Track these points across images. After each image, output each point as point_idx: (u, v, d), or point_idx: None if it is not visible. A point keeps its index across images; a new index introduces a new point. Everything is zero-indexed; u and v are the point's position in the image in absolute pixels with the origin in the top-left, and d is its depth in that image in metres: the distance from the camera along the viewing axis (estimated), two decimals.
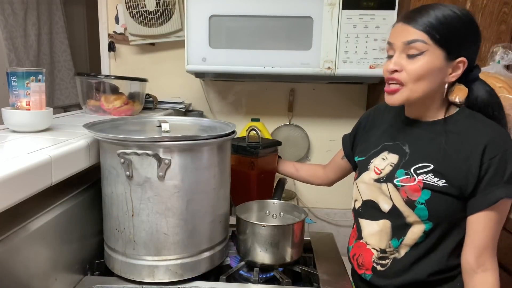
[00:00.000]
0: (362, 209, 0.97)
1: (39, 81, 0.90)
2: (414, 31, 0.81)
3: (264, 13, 1.42)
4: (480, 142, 0.81)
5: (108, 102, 1.31)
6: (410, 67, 0.82)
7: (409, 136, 0.92)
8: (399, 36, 0.84)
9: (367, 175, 0.96)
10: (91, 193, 0.93)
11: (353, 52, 1.43)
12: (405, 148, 0.91)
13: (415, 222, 0.87)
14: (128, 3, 1.71)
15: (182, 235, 0.86)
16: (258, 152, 1.21)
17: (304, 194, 1.92)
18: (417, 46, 0.81)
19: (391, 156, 0.93)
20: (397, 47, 0.85)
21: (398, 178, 0.89)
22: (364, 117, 1.09)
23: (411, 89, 0.84)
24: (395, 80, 0.85)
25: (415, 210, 0.85)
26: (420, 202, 0.85)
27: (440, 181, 0.84)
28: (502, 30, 1.43)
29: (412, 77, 0.83)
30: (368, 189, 0.95)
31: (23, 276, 0.69)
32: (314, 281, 0.94)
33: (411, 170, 0.88)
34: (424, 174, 0.86)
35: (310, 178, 1.27)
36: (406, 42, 0.82)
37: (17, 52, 2.34)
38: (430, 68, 0.82)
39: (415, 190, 0.86)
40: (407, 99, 0.86)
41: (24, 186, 0.63)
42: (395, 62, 0.84)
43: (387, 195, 0.90)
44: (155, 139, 0.80)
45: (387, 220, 0.91)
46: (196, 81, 1.83)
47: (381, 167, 0.93)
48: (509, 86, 1.21)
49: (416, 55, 0.82)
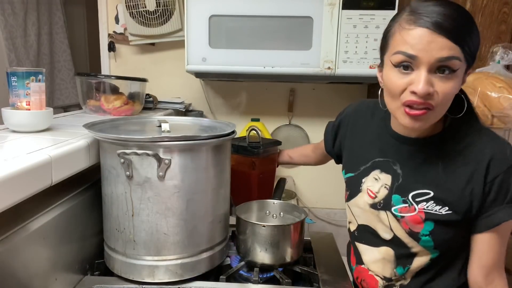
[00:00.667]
0: (358, 234, 0.92)
1: (39, 81, 0.90)
2: (450, 44, 0.65)
3: (264, 13, 1.42)
4: (482, 159, 0.74)
5: (108, 102, 1.31)
6: (443, 88, 0.67)
7: (399, 154, 0.83)
8: (429, 49, 0.66)
9: (360, 199, 0.88)
10: (91, 193, 0.93)
11: (353, 52, 1.43)
12: (396, 168, 0.83)
13: (421, 252, 0.81)
14: (128, 3, 1.71)
15: (182, 235, 0.86)
16: (259, 152, 1.22)
17: (304, 194, 1.92)
18: (453, 64, 0.66)
19: (383, 177, 0.84)
20: (424, 63, 0.67)
21: (395, 206, 0.81)
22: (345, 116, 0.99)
23: (439, 112, 0.71)
24: (427, 105, 0.69)
25: (419, 242, 0.79)
26: (425, 234, 0.78)
27: (443, 209, 0.76)
28: (502, 30, 1.43)
29: (443, 101, 0.69)
30: (364, 214, 0.88)
31: (23, 276, 0.69)
32: (314, 281, 0.94)
33: (409, 198, 0.79)
34: (424, 202, 0.77)
35: (304, 162, 1.32)
36: (440, 59, 0.66)
37: (17, 52, 2.34)
38: (458, 87, 0.70)
39: (417, 222, 0.78)
40: (431, 123, 0.74)
41: (24, 186, 0.63)
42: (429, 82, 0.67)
43: (387, 225, 0.83)
44: (155, 139, 0.80)
45: (390, 248, 0.84)
46: (196, 81, 1.83)
47: (375, 189, 0.85)
48: (509, 86, 1.21)
49: (449, 73, 0.67)
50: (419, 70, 0.68)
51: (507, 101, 1.19)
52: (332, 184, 1.87)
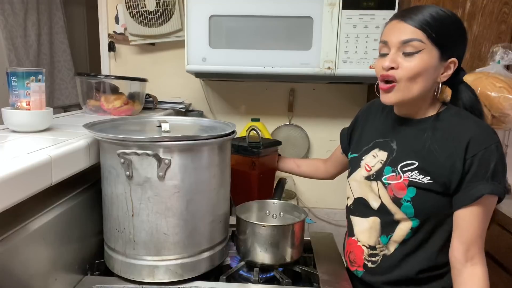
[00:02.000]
0: (353, 207, 0.99)
1: (39, 81, 0.90)
2: (411, 29, 0.81)
3: (264, 13, 1.42)
4: (463, 138, 0.82)
5: (108, 102, 1.31)
6: (407, 64, 0.82)
7: (397, 134, 0.93)
8: (395, 34, 0.83)
9: (358, 173, 0.97)
10: (91, 193, 0.93)
11: (353, 52, 1.43)
12: (393, 145, 0.92)
13: (402, 219, 0.88)
14: (128, 3, 1.71)
15: (182, 235, 0.86)
16: (259, 152, 1.22)
17: (304, 194, 1.92)
18: (414, 44, 0.81)
19: (381, 153, 0.94)
20: (392, 45, 0.84)
21: (385, 175, 0.90)
22: (361, 112, 1.09)
23: (406, 87, 0.84)
24: (390, 77, 0.84)
25: (401, 207, 0.87)
26: (406, 200, 0.86)
27: (425, 178, 0.84)
28: (502, 30, 1.43)
29: (407, 75, 0.82)
30: (359, 187, 0.96)
31: (23, 276, 0.69)
32: (314, 281, 0.94)
33: (397, 168, 0.89)
34: (409, 171, 0.87)
35: (312, 173, 1.29)
36: (403, 40, 0.82)
37: (17, 52, 2.34)
38: (425, 66, 0.82)
39: (400, 188, 0.87)
40: (401, 98, 0.85)
41: (24, 186, 0.63)
42: (392, 59, 0.83)
43: (376, 193, 0.91)
44: (155, 139, 0.80)
45: (376, 217, 0.92)
46: (196, 81, 1.83)
47: (372, 164, 0.94)
48: (509, 86, 1.21)
49: (412, 53, 0.81)
50: (390, 51, 0.84)
51: (507, 101, 1.19)
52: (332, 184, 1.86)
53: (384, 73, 0.85)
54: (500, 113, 1.21)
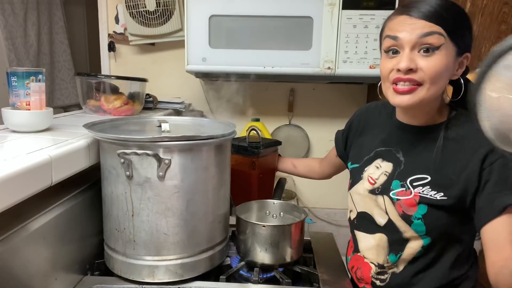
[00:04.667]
0: (357, 221, 0.94)
1: (39, 81, 0.90)
2: (429, 24, 0.72)
3: (264, 13, 1.42)
4: (479, 147, 0.75)
5: (108, 102, 1.31)
6: (428, 64, 0.73)
7: (403, 143, 0.86)
8: (409, 29, 0.74)
9: (361, 186, 0.91)
10: (91, 193, 0.93)
11: (353, 52, 1.43)
12: (399, 156, 0.86)
13: (413, 238, 0.82)
14: (128, 3, 1.71)
15: (182, 235, 0.86)
16: (259, 152, 1.22)
17: (304, 194, 1.92)
18: (433, 40, 0.72)
19: (385, 165, 0.88)
20: (406, 42, 0.74)
21: (394, 190, 0.83)
22: (356, 116, 1.03)
23: (428, 89, 0.75)
24: (411, 81, 0.75)
25: (411, 225, 0.81)
26: (417, 217, 0.80)
27: (438, 194, 0.78)
28: (502, 30, 1.43)
29: (429, 76, 0.73)
30: (363, 200, 0.90)
31: (23, 276, 0.69)
32: (314, 281, 0.94)
33: (407, 182, 0.82)
34: (420, 186, 0.80)
35: (308, 173, 1.28)
36: (421, 34, 0.73)
37: (17, 52, 2.34)
38: (447, 64, 0.74)
39: (411, 205, 0.80)
40: (421, 101, 0.76)
41: (24, 186, 0.63)
42: (410, 58, 0.74)
43: (383, 208, 0.85)
44: (155, 139, 0.80)
45: (383, 234, 0.87)
46: (196, 81, 1.83)
47: (375, 176, 0.88)
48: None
49: (433, 49, 0.73)
50: (403, 50, 0.76)
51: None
52: (332, 184, 1.86)
53: (401, 76, 0.75)
54: None
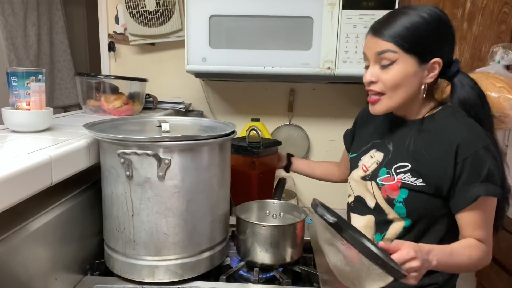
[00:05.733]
0: (353, 204, 1.00)
1: (39, 81, 0.90)
2: (382, 42, 0.84)
3: (264, 13, 1.42)
4: (453, 142, 0.83)
5: (108, 102, 1.31)
6: (385, 77, 0.85)
7: (394, 135, 0.95)
8: (370, 47, 0.87)
9: (356, 172, 0.99)
10: (91, 193, 0.93)
11: (353, 52, 1.43)
12: (389, 146, 0.94)
13: (395, 219, 0.90)
14: (128, 3, 1.71)
15: (182, 235, 0.86)
16: (259, 152, 1.21)
17: (304, 194, 1.92)
18: (388, 56, 0.83)
19: (378, 154, 0.96)
20: (370, 58, 0.87)
21: (380, 176, 0.92)
22: (360, 113, 1.12)
23: (390, 98, 0.87)
24: (373, 91, 0.88)
25: (394, 208, 0.89)
26: (398, 201, 0.88)
27: (417, 181, 0.86)
28: (502, 30, 1.43)
29: (388, 87, 0.85)
30: (357, 186, 0.98)
31: (23, 276, 0.69)
32: (314, 281, 0.94)
33: (392, 170, 0.90)
34: (402, 173, 0.88)
35: (327, 176, 1.31)
36: (376, 53, 0.85)
37: (17, 52, 2.34)
38: (404, 75, 0.84)
39: (393, 189, 0.89)
40: (387, 108, 0.88)
41: (24, 186, 0.63)
42: (371, 73, 0.87)
43: (371, 192, 0.93)
44: (155, 139, 0.80)
45: (372, 215, 0.94)
46: (196, 81, 1.83)
47: (368, 164, 0.96)
48: (509, 86, 1.21)
49: (388, 65, 0.84)
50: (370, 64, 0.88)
51: (507, 101, 1.19)
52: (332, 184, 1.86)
53: (368, 87, 0.89)
54: (500, 113, 1.20)
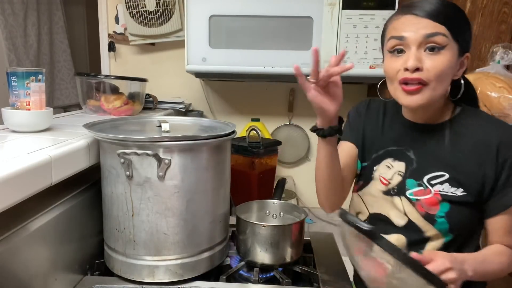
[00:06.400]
0: (369, 222, 0.89)
1: (39, 81, 0.90)
2: (433, 24, 0.74)
3: (264, 13, 1.42)
4: (492, 142, 0.77)
5: (108, 102, 1.31)
6: (433, 63, 0.74)
7: (413, 141, 0.86)
8: (416, 29, 0.75)
9: (373, 187, 0.88)
10: (91, 193, 0.93)
11: (353, 52, 1.43)
12: (410, 154, 0.85)
13: (434, 236, 0.81)
14: (128, 3, 1.71)
15: (182, 235, 0.86)
16: (259, 152, 1.22)
17: (304, 194, 1.92)
18: (438, 40, 0.73)
19: (397, 164, 0.86)
20: (412, 41, 0.75)
21: (410, 190, 0.82)
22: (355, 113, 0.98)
23: (433, 89, 0.76)
24: (417, 80, 0.75)
25: (435, 224, 0.80)
26: (440, 216, 0.79)
27: (458, 190, 0.78)
28: (502, 30, 1.43)
29: (435, 75, 0.74)
30: (376, 202, 0.87)
31: (23, 276, 0.69)
32: (314, 281, 0.94)
33: (424, 181, 0.81)
34: (439, 184, 0.79)
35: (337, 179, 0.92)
36: (425, 35, 0.74)
37: (17, 52, 2.34)
38: (450, 64, 0.75)
39: (433, 204, 0.79)
40: (429, 100, 0.77)
41: (24, 186, 0.63)
42: (417, 57, 0.74)
43: (401, 209, 0.83)
44: (155, 139, 0.80)
45: (402, 235, 0.84)
46: (196, 81, 1.83)
47: (388, 176, 0.86)
48: (509, 86, 1.21)
49: (438, 49, 0.74)
50: (409, 49, 0.76)
51: (507, 101, 1.19)
52: None
53: (408, 76, 0.76)
54: (500, 113, 1.21)
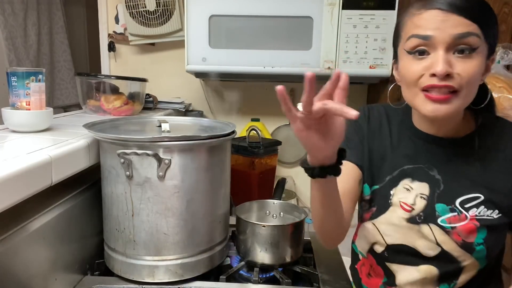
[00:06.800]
0: (389, 253, 0.78)
1: (39, 81, 0.90)
2: (466, 21, 0.62)
3: (264, 13, 1.42)
4: None
5: (108, 102, 1.31)
6: (465, 68, 0.63)
7: (435, 158, 0.74)
8: (444, 27, 0.62)
9: (393, 214, 0.76)
10: (91, 193, 0.93)
11: (353, 52, 1.43)
12: (434, 174, 0.73)
13: (471, 265, 0.72)
14: (128, 3, 1.71)
15: (182, 235, 0.86)
16: (259, 152, 1.22)
17: (304, 194, 1.92)
18: (470, 41, 0.62)
19: (417, 186, 0.74)
20: (440, 42, 0.63)
21: (442, 217, 0.71)
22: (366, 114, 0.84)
23: (464, 97, 0.65)
24: (447, 87, 0.63)
25: (473, 253, 0.70)
26: (479, 243, 0.69)
27: (494, 213, 0.69)
28: (502, 30, 1.43)
29: (467, 82, 0.63)
30: (399, 231, 0.75)
31: (23, 276, 0.69)
32: (314, 281, 0.94)
33: (456, 205, 0.71)
34: (474, 208, 0.69)
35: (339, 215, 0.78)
36: (457, 35, 0.62)
37: (17, 52, 2.34)
38: (481, 69, 0.65)
39: (470, 231, 0.69)
40: (457, 110, 0.66)
41: (24, 186, 0.63)
42: (448, 61, 0.62)
43: (432, 239, 0.72)
44: (155, 139, 0.80)
45: (432, 266, 0.74)
46: (196, 81, 1.83)
47: (410, 201, 0.74)
48: (509, 86, 1.21)
49: (469, 52, 0.63)
50: (436, 51, 0.64)
51: (507, 101, 1.19)
52: None
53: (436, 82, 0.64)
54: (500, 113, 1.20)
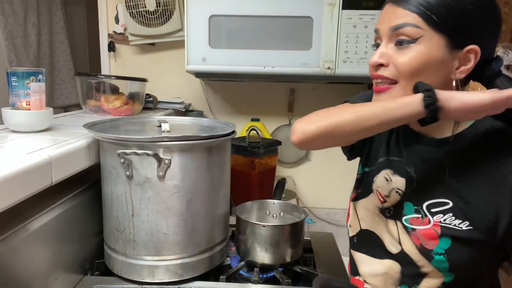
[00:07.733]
0: (357, 240, 0.78)
1: (39, 81, 0.90)
2: (404, 12, 0.62)
3: (264, 13, 1.42)
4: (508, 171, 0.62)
5: (108, 102, 1.31)
6: (400, 59, 0.63)
7: (414, 155, 0.71)
8: (386, 20, 0.65)
9: (370, 201, 0.75)
10: (91, 193, 0.93)
11: (353, 52, 1.43)
12: (410, 171, 0.70)
13: (432, 273, 0.67)
14: (128, 3, 1.71)
15: (182, 235, 0.86)
16: (259, 152, 1.22)
17: (304, 194, 1.92)
18: (407, 31, 0.62)
19: (396, 179, 0.72)
20: (383, 34, 0.66)
21: (406, 216, 0.69)
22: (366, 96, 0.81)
23: (404, 88, 0.64)
24: (380, 77, 0.66)
25: (431, 261, 0.66)
26: (438, 253, 0.65)
27: (463, 224, 0.63)
28: (502, 30, 1.42)
29: (403, 72, 0.63)
30: (370, 218, 0.75)
31: (23, 276, 0.69)
32: None
33: (423, 207, 0.67)
34: (441, 214, 0.65)
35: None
36: (392, 27, 0.63)
37: (17, 52, 2.34)
38: (426, 60, 0.62)
39: (430, 237, 0.65)
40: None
41: (24, 186, 0.63)
42: (381, 53, 0.65)
43: (395, 237, 0.70)
44: (155, 139, 0.81)
45: (395, 262, 0.71)
46: (196, 81, 1.83)
47: (385, 192, 0.73)
48: None
49: (407, 43, 0.62)
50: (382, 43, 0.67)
51: None
52: (332, 184, 1.87)
53: (375, 72, 0.66)
54: None
